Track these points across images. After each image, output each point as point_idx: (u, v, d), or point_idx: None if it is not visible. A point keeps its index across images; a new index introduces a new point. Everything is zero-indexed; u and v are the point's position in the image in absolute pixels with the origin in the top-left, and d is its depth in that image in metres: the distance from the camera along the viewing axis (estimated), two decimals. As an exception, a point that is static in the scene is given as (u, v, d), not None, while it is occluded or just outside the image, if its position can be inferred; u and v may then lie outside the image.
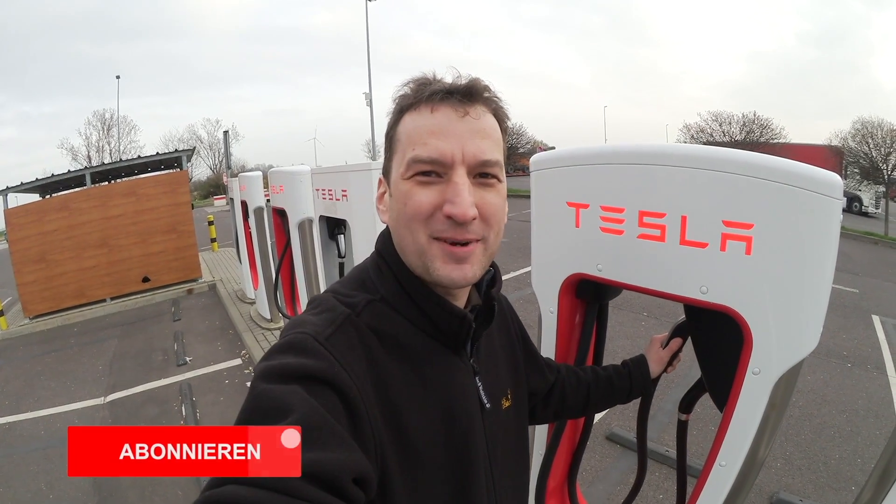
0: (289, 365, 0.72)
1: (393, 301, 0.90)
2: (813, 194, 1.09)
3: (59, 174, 11.17)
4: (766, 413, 1.24)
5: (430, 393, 0.87)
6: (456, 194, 0.81)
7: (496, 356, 1.08)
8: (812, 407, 5.07)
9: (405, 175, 0.85)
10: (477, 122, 0.85)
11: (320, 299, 0.90)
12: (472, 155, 0.83)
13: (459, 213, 0.80)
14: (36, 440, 5.04)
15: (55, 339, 8.62)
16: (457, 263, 0.84)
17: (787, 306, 1.16)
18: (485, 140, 0.85)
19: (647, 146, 1.33)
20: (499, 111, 0.91)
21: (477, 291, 1.00)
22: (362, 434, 0.73)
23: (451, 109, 0.84)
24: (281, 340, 0.79)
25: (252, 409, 0.69)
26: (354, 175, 3.44)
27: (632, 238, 1.35)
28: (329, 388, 0.71)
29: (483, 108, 0.88)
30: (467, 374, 0.95)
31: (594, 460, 4.14)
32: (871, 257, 15.09)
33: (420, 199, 0.83)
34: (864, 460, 4.19)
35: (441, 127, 0.83)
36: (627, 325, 7.32)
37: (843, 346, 6.88)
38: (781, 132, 30.71)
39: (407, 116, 0.88)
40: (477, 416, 0.94)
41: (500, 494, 0.99)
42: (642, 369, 1.47)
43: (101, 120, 44.06)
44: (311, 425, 0.65)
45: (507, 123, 0.94)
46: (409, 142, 0.85)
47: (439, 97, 0.84)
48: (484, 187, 0.86)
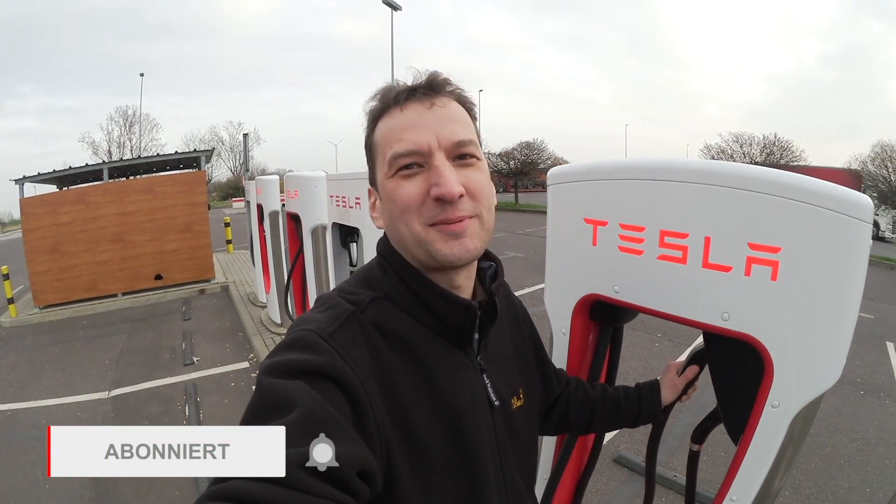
0: (293, 361, 0.73)
1: (397, 298, 0.91)
2: (843, 217, 1.03)
3: (77, 167, 11.34)
4: (783, 447, 1.17)
5: (436, 389, 0.88)
6: (439, 176, 0.84)
7: (506, 354, 1.09)
8: (823, 435, 4.96)
9: (389, 174, 0.88)
10: (444, 110, 0.88)
11: (325, 297, 0.91)
12: (446, 139, 0.86)
13: (447, 192, 0.83)
14: (37, 429, 5.05)
15: (64, 330, 8.68)
16: (456, 239, 0.86)
17: (811, 336, 1.10)
18: (455, 124, 0.89)
19: (671, 161, 1.27)
20: (462, 98, 0.94)
21: (483, 287, 1.03)
22: (366, 428, 0.74)
23: (418, 104, 0.88)
24: (286, 338, 0.81)
25: (258, 404, 0.70)
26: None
27: (652, 259, 1.29)
28: (333, 383, 0.73)
29: (447, 97, 0.91)
30: (474, 372, 0.96)
31: (601, 483, 4.06)
32: (887, 283, 14.91)
33: (408, 191, 0.86)
34: (873, 490, 4.12)
35: (412, 121, 0.87)
36: (641, 347, 7.23)
37: (856, 372, 6.75)
38: (801, 154, 30.56)
39: (380, 122, 0.92)
40: (485, 413, 0.95)
41: (511, 492, 0.99)
42: (654, 395, 1.43)
43: (124, 116, 44.99)
44: (315, 419, 0.66)
45: (474, 110, 0.97)
46: (386, 143, 0.89)
47: (405, 96, 0.89)
48: (465, 167, 0.88)
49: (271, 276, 7.56)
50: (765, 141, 30.83)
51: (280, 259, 7.00)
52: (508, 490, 0.98)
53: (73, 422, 5.14)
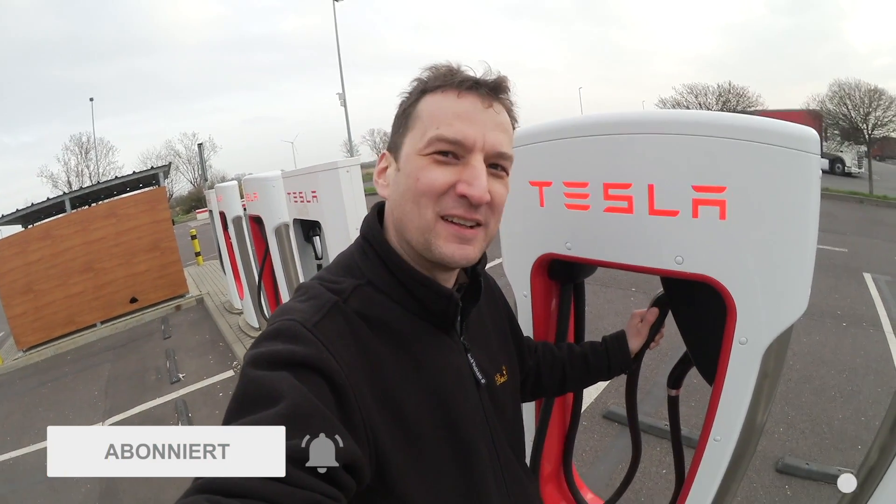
0: (277, 352, 0.73)
1: (380, 284, 0.91)
2: (787, 150, 1.04)
3: (39, 203, 11.08)
4: (759, 383, 1.19)
5: (423, 373, 0.88)
6: (474, 177, 0.84)
7: (487, 332, 1.11)
8: (810, 369, 5.06)
9: (423, 151, 0.87)
10: (498, 116, 0.89)
11: (306, 286, 0.91)
12: (491, 145, 0.87)
13: (476, 195, 0.84)
14: (40, 472, 4.94)
15: (50, 369, 8.52)
16: (460, 243, 0.87)
17: (769, 270, 1.11)
18: (503, 133, 0.89)
19: (607, 115, 1.27)
20: (511, 112, 0.94)
21: (464, 270, 1.04)
22: (351, 420, 0.73)
23: (477, 98, 0.87)
24: (269, 328, 0.80)
25: (242, 397, 0.70)
26: (323, 175, 3.36)
27: (598, 212, 1.30)
28: (317, 374, 0.72)
29: (502, 105, 0.91)
30: (459, 353, 0.97)
31: (593, 440, 4.12)
32: (857, 216, 15.19)
33: (435, 176, 0.85)
34: (868, 418, 4.18)
35: (467, 112, 0.86)
36: (616, 303, 7.35)
37: (836, 305, 6.89)
38: (758, 100, 30.65)
39: (430, 97, 0.89)
40: (473, 392, 0.96)
41: (504, 467, 1.01)
42: (621, 345, 1.44)
43: (79, 144, 43.93)
44: (302, 412, 0.66)
45: (516, 124, 0.97)
46: (433, 120, 0.87)
47: (468, 85, 0.87)
48: (495, 177, 0.89)
49: (243, 282, 7.51)
50: (719, 90, 30.74)
51: (249, 263, 6.94)
52: (502, 464, 1.00)
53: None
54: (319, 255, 4.31)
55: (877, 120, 21.73)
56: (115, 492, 4.36)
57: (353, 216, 3.20)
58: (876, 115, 21.69)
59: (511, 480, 1.02)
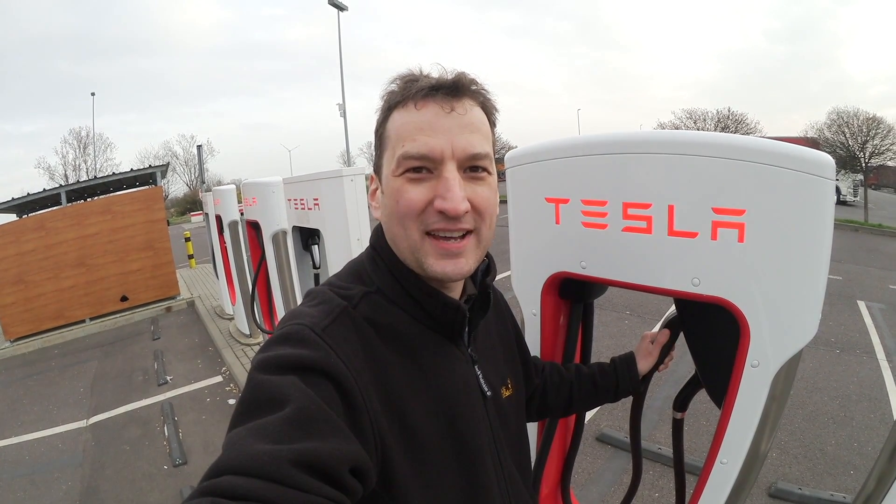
0: (286, 356, 0.73)
1: (389, 293, 0.91)
2: (806, 175, 1.03)
3: (35, 193, 11.06)
4: (767, 406, 1.18)
5: (430, 382, 0.88)
6: (447, 189, 0.82)
7: (494, 346, 1.10)
8: (803, 395, 5.07)
9: (396, 172, 0.86)
10: (464, 117, 0.85)
11: (317, 291, 0.91)
12: (461, 149, 0.84)
13: (451, 208, 0.81)
14: (22, 465, 4.91)
15: (36, 361, 8.45)
16: (450, 258, 0.86)
17: (784, 294, 1.10)
18: (473, 134, 0.86)
19: (628, 134, 1.26)
20: (486, 104, 0.92)
21: (472, 281, 1.04)
22: (359, 424, 0.73)
23: (437, 105, 0.84)
24: (278, 332, 0.80)
25: (249, 400, 0.69)
26: (326, 182, 3.28)
27: (616, 232, 1.28)
28: (326, 378, 0.72)
29: (470, 101, 0.88)
30: (466, 364, 0.97)
31: (586, 462, 4.10)
32: (852, 244, 15.35)
33: (411, 196, 0.84)
34: (861, 444, 4.20)
35: (428, 123, 0.84)
36: (611, 325, 7.35)
37: (830, 332, 6.94)
38: (756, 126, 30.89)
39: (395, 113, 0.88)
40: (479, 404, 0.96)
41: (508, 479, 1.00)
42: (630, 366, 1.43)
43: (77, 138, 43.95)
44: (308, 415, 0.66)
45: (495, 115, 0.95)
46: (398, 138, 0.86)
47: (423, 94, 0.85)
48: (475, 181, 0.87)
49: (236, 288, 7.46)
50: (718, 115, 30.97)
51: (243, 269, 6.92)
52: (506, 478, 0.99)
53: (54, 454, 5.03)
54: (317, 264, 4.26)
55: (874, 148, 21.98)
56: (96, 490, 4.29)
57: (356, 226, 3.14)
58: (874, 144, 21.93)
59: (514, 493, 1.01)
